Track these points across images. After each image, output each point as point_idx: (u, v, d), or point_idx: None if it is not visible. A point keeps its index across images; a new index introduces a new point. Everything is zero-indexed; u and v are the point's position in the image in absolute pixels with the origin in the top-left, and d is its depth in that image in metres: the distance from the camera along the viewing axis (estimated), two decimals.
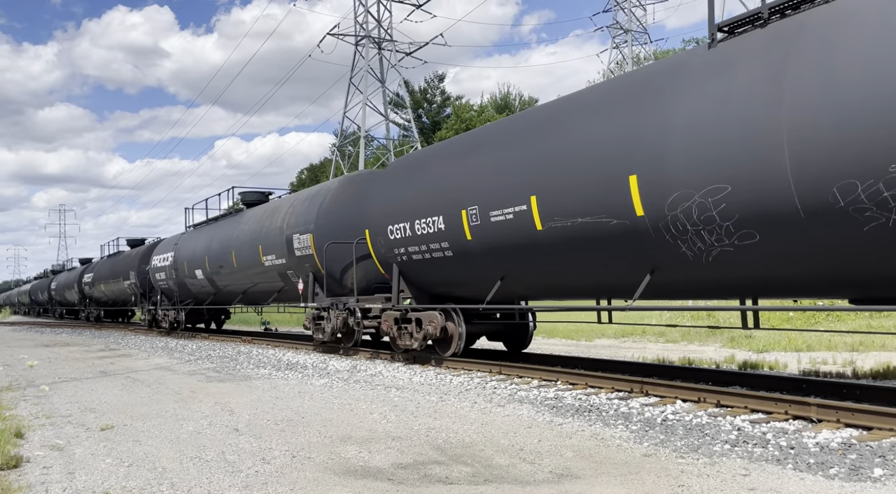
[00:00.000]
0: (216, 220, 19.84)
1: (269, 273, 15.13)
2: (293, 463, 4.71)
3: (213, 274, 18.13)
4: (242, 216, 17.39)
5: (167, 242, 23.17)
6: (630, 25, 47.80)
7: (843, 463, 4.39)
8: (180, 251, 20.65)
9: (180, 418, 6.51)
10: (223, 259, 17.30)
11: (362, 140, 38.55)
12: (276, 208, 15.48)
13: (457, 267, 9.54)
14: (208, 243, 18.59)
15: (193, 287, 20.01)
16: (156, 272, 22.54)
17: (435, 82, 53.83)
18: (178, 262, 20.50)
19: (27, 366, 11.80)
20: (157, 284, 22.59)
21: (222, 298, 19.16)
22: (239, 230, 16.74)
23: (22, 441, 5.53)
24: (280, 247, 14.24)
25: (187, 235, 21.23)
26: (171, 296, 21.87)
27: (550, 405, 6.77)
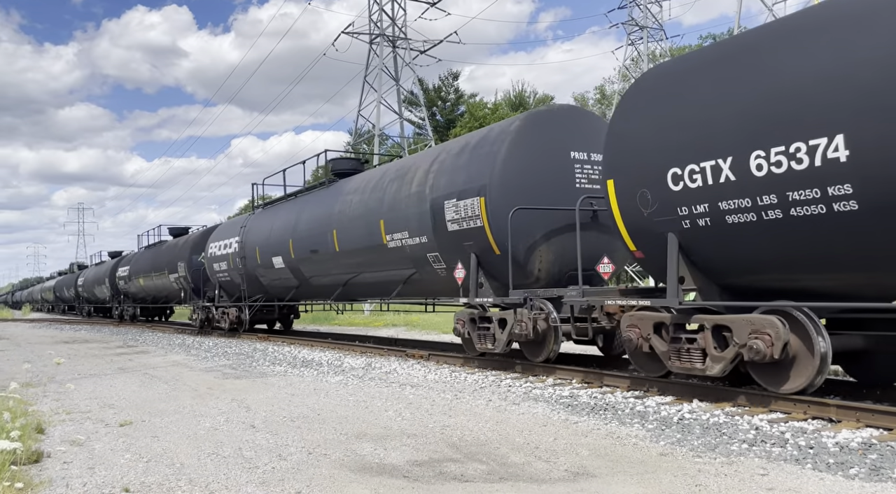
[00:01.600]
0: (298, 195, 15.94)
1: (396, 256, 11.14)
2: (309, 460, 4.74)
3: (301, 261, 14.38)
4: (345, 185, 13.46)
5: (228, 226, 19.57)
6: (645, 22, 47.45)
7: (864, 463, 4.34)
8: (249, 235, 17.01)
9: (197, 414, 6.57)
10: (317, 241, 13.51)
11: (377, 138, 38.63)
12: (406, 169, 11.31)
13: (863, 229, 5.14)
14: (292, 223, 14.85)
15: (268, 278, 16.41)
16: (214, 262, 19.01)
17: (449, 80, 53.86)
18: (247, 249, 16.90)
19: (48, 363, 11.95)
20: (214, 277, 19.21)
21: (309, 292, 15.41)
22: (342, 203, 12.88)
23: (43, 437, 5.61)
24: (417, 221, 10.41)
25: (258, 215, 17.47)
26: (234, 291, 18.40)
27: (566, 403, 6.75)
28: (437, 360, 10.79)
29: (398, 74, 39.78)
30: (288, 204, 16.09)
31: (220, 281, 18.99)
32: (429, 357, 11.02)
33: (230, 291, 18.77)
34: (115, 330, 25.46)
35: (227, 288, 18.92)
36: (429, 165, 10.63)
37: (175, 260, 22.46)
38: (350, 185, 13.17)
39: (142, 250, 29.01)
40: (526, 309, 8.62)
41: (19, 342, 18.49)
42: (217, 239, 19.31)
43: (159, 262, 24.34)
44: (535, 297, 8.62)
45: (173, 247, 23.73)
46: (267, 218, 16.74)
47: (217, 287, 19.27)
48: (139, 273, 27.12)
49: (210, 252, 19.40)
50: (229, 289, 18.80)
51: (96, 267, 38.79)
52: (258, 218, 17.34)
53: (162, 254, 24.47)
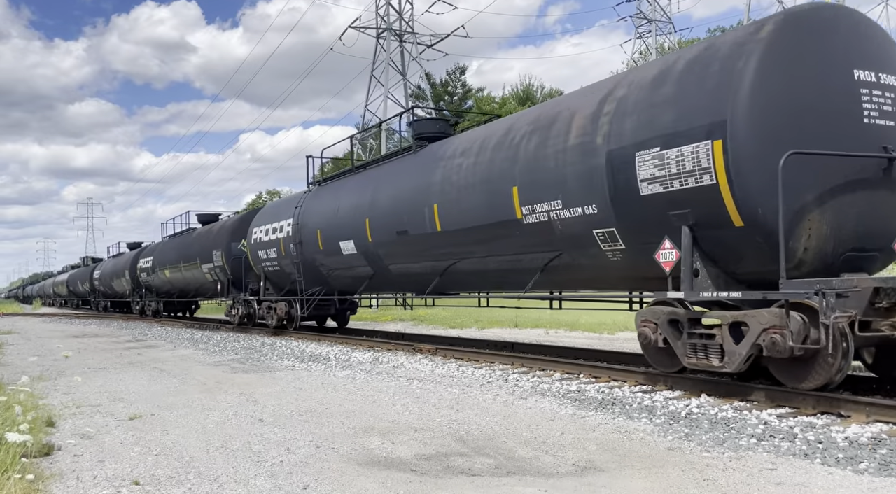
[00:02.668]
0: (371, 166, 13.03)
1: (535, 235, 8.30)
2: (317, 453, 4.76)
3: (381, 246, 11.60)
4: (443, 148, 10.53)
5: (278, 206, 16.78)
6: (654, 15, 47.20)
7: (873, 458, 4.32)
8: (307, 216, 14.25)
9: (206, 408, 6.60)
10: (407, 221, 10.72)
11: (383, 133, 38.61)
12: (552, 117, 8.25)
13: None
14: (367, 199, 12.03)
15: (331, 267, 13.61)
16: (259, 249, 16.39)
17: (456, 74, 53.74)
18: (304, 233, 14.22)
19: (58, 357, 12.04)
20: (259, 266, 16.59)
21: (388, 283, 12.51)
22: (445, 170, 9.98)
23: (53, 430, 5.65)
24: (580, 185, 7.49)
25: (318, 193, 14.58)
26: (284, 283, 15.90)
27: (573, 398, 6.75)
28: (444, 355, 10.80)
29: (405, 69, 39.73)
30: (358, 177, 13.09)
31: (267, 272, 16.37)
32: (436, 351, 11.03)
33: (278, 283, 16.18)
34: (124, 324, 25.61)
35: (274, 280, 16.35)
36: (596, 106, 7.52)
37: (209, 249, 19.74)
38: (451, 148, 10.22)
39: (166, 239, 26.19)
40: (781, 309, 5.69)
41: (30, 336, 18.63)
42: (263, 222, 16.50)
43: (189, 252, 21.62)
44: (826, 289, 5.39)
45: (206, 234, 20.88)
46: (330, 195, 13.75)
47: (262, 278, 16.73)
48: (164, 264, 24.37)
49: (254, 238, 16.65)
50: (277, 281, 16.19)
51: (114, 259, 36.04)
52: (318, 195, 14.38)
53: (192, 243, 21.66)
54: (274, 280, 16.36)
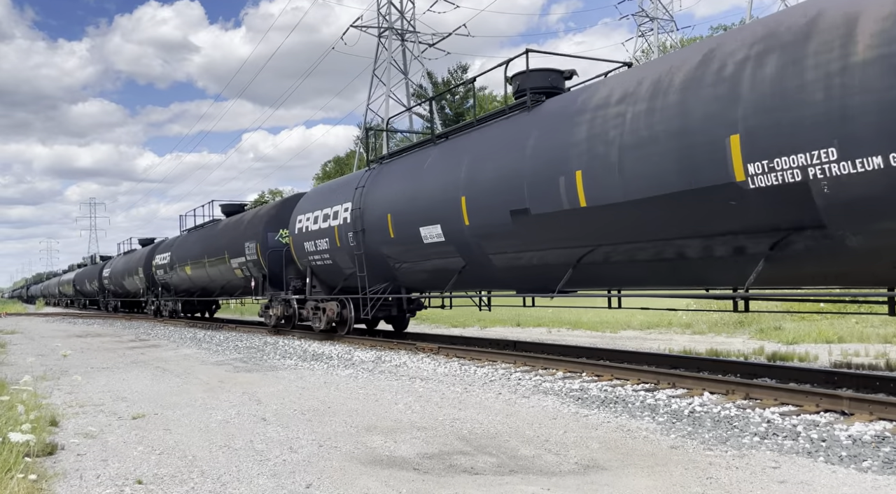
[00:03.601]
0: (458, 133, 10.60)
1: (759, 206, 5.96)
2: (320, 452, 4.76)
3: (484, 229, 9.19)
4: (577, 102, 8.05)
5: (328, 189, 14.10)
6: (656, 13, 47.14)
7: (877, 456, 4.31)
8: (372, 198, 11.92)
9: (209, 407, 6.61)
10: (528, 196, 8.30)
11: (385, 132, 38.61)
12: (805, 27, 5.70)
13: None
14: (459, 173, 9.66)
15: (405, 259, 11.30)
16: (305, 240, 14.11)
17: (458, 73, 53.69)
18: (368, 218, 11.87)
19: (61, 356, 12.06)
20: (305, 260, 14.44)
21: (485, 278, 10.04)
22: (593, 124, 7.55)
23: (57, 429, 5.66)
24: (882, 121, 5.05)
25: (384, 170, 12.16)
26: (336, 279, 13.63)
27: (576, 396, 6.75)
28: (446, 354, 10.80)
29: (407, 68, 39.72)
30: (441, 148, 10.63)
31: (315, 266, 14.17)
32: (438, 350, 11.04)
33: (328, 279, 14.06)
34: (127, 324, 25.64)
35: (323, 276, 14.15)
36: None
37: (240, 242, 17.49)
38: (598, 97, 7.67)
39: (185, 233, 23.83)
40: None
41: (33, 336, 18.67)
42: (310, 208, 14.19)
43: (216, 245, 19.40)
44: None
45: (236, 225, 18.54)
46: (403, 172, 11.41)
47: (309, 273, 14.44)
48: (185, 260, 22.07)
49: (299, 227, 14.41)
50: (327, 277, 14.00)
51: (125, 255, 33.61)
52: (385, 174, 12.00)
53: (219, 235, 19.45)
54: (323, 275, 14.14)
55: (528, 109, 9.04)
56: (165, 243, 26.25)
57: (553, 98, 9.00)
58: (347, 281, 13.22)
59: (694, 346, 11.73)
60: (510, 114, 9.47)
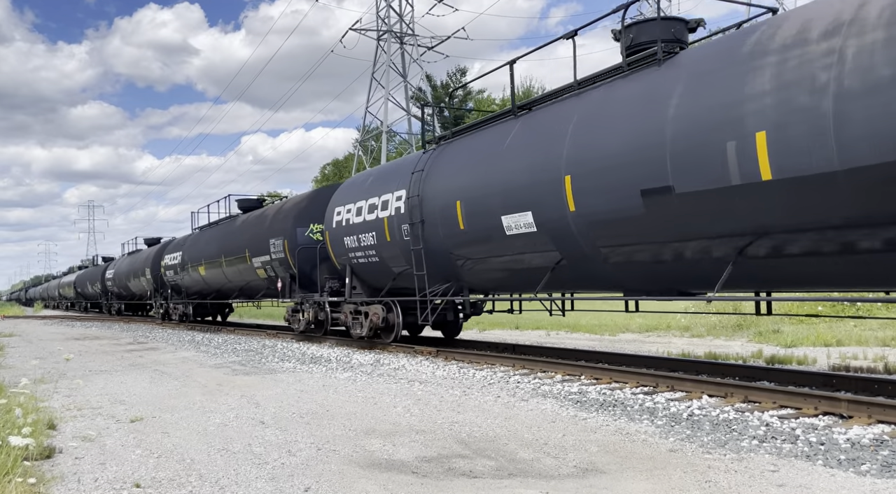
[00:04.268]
0: (535, 108, 9.12)
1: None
2: (318, 456, 4.75)
3: (595, 216, 7.50)
4: (748, 43, 6.27)
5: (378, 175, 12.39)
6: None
7: (875, 460, 4.31)
8: (433, 184, 10.23)
9: (207, 410, 6.60)
10: (675, 169, 6.56)
11: (384, 135, 38.64)
12: None
13: None
14: (558, 149, 7.95)
15: (473, 255, 9.63)
16: (345, 236, 12.45)
17: (457, 76, 53.75)
18: (428, 207, 10.19)
19: (59, 359, 12.04)
20: (344, 257, 12.68)
21: (588, 274, 8.30)
22: (795, 68, 5.67)
23: (55, 432, 5.65)
24: None
25: (446, 152, 10.44)
26: (380, 279, 12.05)
27: (574, 399, 6.74)
28: (445, 357, 10.80)
29: (406, 71, 39.76)
30: (523, 122, 8.93)
31: (356, 265, 12.45)
32: (437, 353, 11.03)
33: (372, 279, 12.37)
34: (125, 326, 25.61)
35: (365, 275, 12.47)
36: None
37: (263, 239, 16.02)
38: (778, 36, 5.96)
39: (197, 231, 22.41)
40: None
41: (31, 339, 18.64)
42: (351, 198, 12.56)
43: (235, 243, 18.01)
44: None
45: (259, 220, 17.02)
46: (474, 150, 9.70)
47: (348, 273, 12.76)
48: (198, 259, 20.64)
49: (337, 220, 12.80)
50: (371, 276, 12.33)
51: (130, 256, 32.18)
52: (451, 154, 10.26)
53: (238, 232, 18.14)
54: (365, 275, 12.49)
55: (657, 63, 7.29)
56: (175, 242, 24.80)
57: (695, 47, 7.45)
58: (396, 281, 11.69)
59: (692, 349, 11.74)
60: (629, 72, 7.66)
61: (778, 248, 6.04)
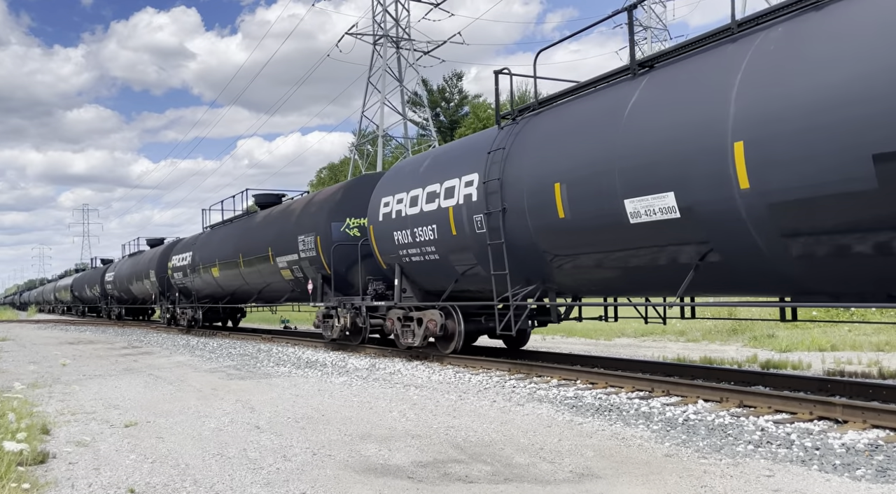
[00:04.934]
0: (675, 58, 7.12)
1: None
2: (314, 461, 4.74)
3: (792, 194, 5.60)
4: None
5: (435, 159, 10.78)
6: (650, 23, 47.42)
7: (870, 465, 4.32)
8: (518, 163, 8.58)
9: (202, 415, 6.58)
10: None
11: (380, 139, 38.66)
12: None
13: None
14: (724, 107, 6.07)
15: (571, 248, 8.04)
16: (395, 230, 11.01)
17: (453, 81, 53.84)
18: (511, 193, 8.60)
19: (53, 363, 11.99)
20: (394, 256, 11.23)
21: (768, 271, 6.23)
22: None
23: (48, 437, 5.62)
24: None
25: (534, 125, 8.73)
26: (438, 281, 10.60)
27: (570, 404, 6.74)
28: (441, 361, 10.79)
29: (402, 75, 39.82)
30: (657, 78, 7.14)
31: (407, 264, 10.99)
32: (432, 358, 11.02)
33: (428, 281, 10.91)
34: (119, 330, 25.51)
35: (419, 276, 10.98)
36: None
37: (290, 236, 14.49)
38: None
39: (208, 230, 21.01)
40: None
41: (24, 343, 18.55)
42: (401, 187, 11.02)
43: (255, 241, 16.54)
44: None
45: (283, 216, 15.49)
46: (576, 121, 7.96)
47: (398, 273, 11.23)
48: (211, 260, 19.26)
49: (384, 213, 11.33)
50: (426, 277, 10.85)
51: (132, 257, 30.50)
52: (538, 127, 8.54)
53: (259, 230, 16.67)
54: (419, 275, 10.94)
55: None
56: (184, 242, 23.22)
57: None
58: (460, 282, 10.13)
59: (688, 354, 11.75)
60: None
61: None
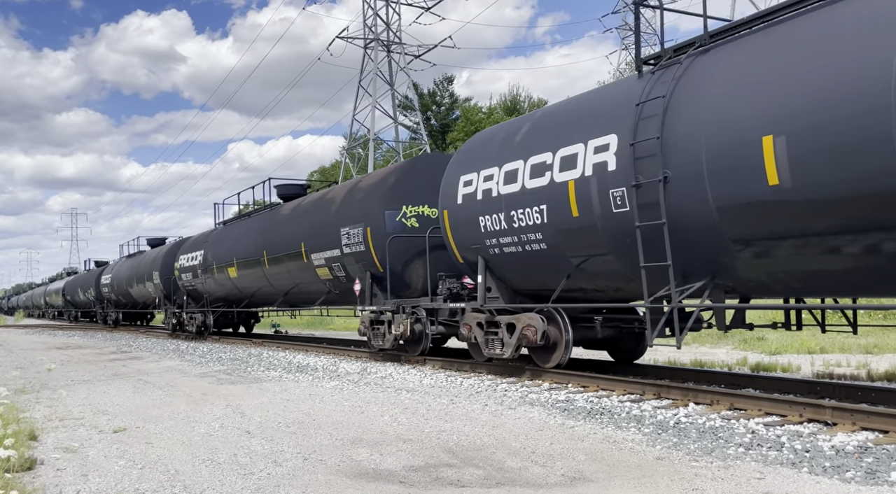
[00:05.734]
0: None
1: None
2: (305, 466, 4.72)
3: None
4: None
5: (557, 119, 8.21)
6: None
7: (860, 467, 4.34)
8: (691, 110, 6.35)
9: (192, 420, 6.53)
10: None
11: (371, 143, 38.63)
12: None
13: None
14: None
15: (841, 221, 5.34)
16: (484, 213, 8.72)
17: (444, 85, 53.88)
18: (696, 150, 6.19)
19: (41, 369, 11.88)
20: (479, 247, 9.04)
21: None
22: None
23: (36, 444, 5.57)
24: None
25: (730, 52, 6.36)
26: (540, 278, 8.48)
27: (562, 407, 6.75)
28: (433, 365, 10.77)
29: (393, 79, 39.82)
30: None
31: (495, 256, 8.75)
32: (425, 362, 11.00)
33: (520, 277, 8.72)
34: (108, 335, 25.33)
35: (509, 271, 8.74)
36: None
37: (331, 228, 12.38)
38: None
39: (221, 227, 19.23)
40: None
41: (11, 348, 18.38)
42: (485, 161, 8.87)
43: (284, 236, 14.55)
44: None
45: (320, 206, 13.45)
46: (800, 48, 5.62)
47: (481, 268, 8.97)
48: (227, 259, 17.43)
49: (464, 193, 9.03)
50: (520, 273, 8.65)
51: (131, 258, 28.50)
52: (722, 62, 6.39)
53: (289, 223, 14.66)
54: (510, 271, 8.73)
55: None
56: (193, 240, 21.33)
57: None
58: (573, 279, 7.96)
59: (678, 357, 11.79)
60: None
61: None
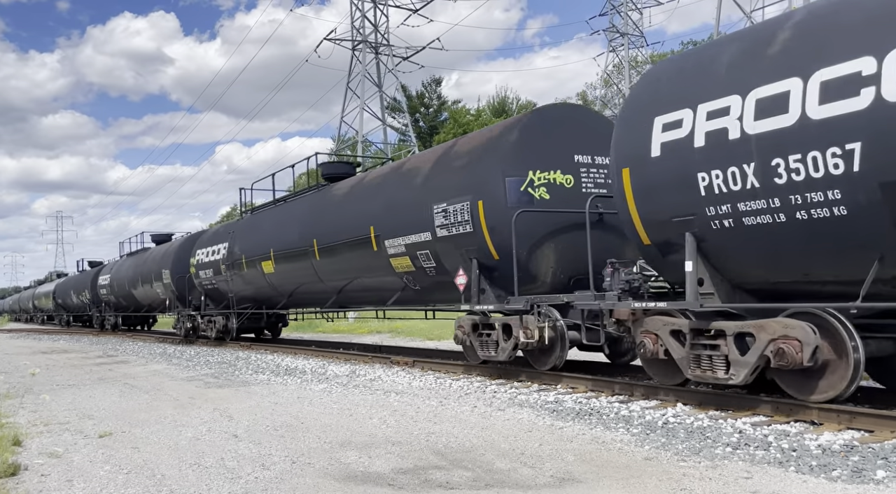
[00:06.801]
0: None
1: None
2: (293, 469, 4.69)
3: None
4: None
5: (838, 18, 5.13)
6: (626, 29, 47.96)
7: (846, 466, 4.37)
8: None
9: (179, 424, 6.48)
10: None
11: (360, 144, 38.56)
12: None
13: None
14: None
15: None
16: (699, 170, 5.80)
17: (432, 87, 53.91)
18: None
19: (25, 374, 11.75)
20: (681, 222, 6.17)
21: None
22: None
23: (20, 449, 5.50)
24: None
25: None
26: (775, 261, 5.67)
27: (551, 409, 6.75)
28: (422, 367, 10.76)
29: (381, 81, 39.79)
30: None
31: (718, 231, 5.98)
32: (413, 364, 10.98)
33: (769, 264, 5.85)
34: (94, 339, 25.11)
35: (742, 255, 5.99)
36: None
37: (418, 206, 9.96)
38: None
39: (249, 216, 17.24)
40: None
41: None
42: (718, 89, 5.83)
43: (342, 221, 12.06)
44: None
45: (397, 180, 11.02)
46: None
47: (690, 253, 6.17)
48: (261, 251, 14.91)
49: (667, 140, 6.22)
50: (766, 256, 5.80)
51: (133, 256, 26.11)
52: None
53: (346, 205, 12.22)
54: (740, 254, 6.08)
55: None
56: (213, 232, 19.16)
57: None
58: (889, 262, 5.08)
59: None
60: None
61: None
